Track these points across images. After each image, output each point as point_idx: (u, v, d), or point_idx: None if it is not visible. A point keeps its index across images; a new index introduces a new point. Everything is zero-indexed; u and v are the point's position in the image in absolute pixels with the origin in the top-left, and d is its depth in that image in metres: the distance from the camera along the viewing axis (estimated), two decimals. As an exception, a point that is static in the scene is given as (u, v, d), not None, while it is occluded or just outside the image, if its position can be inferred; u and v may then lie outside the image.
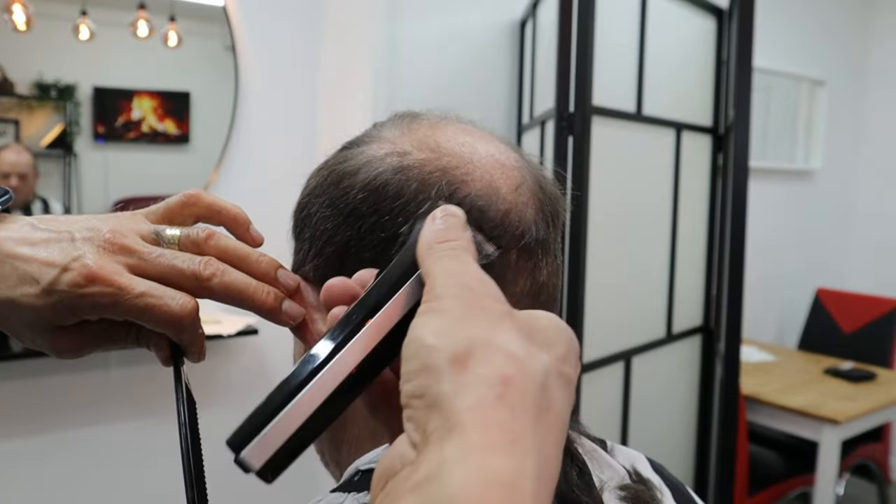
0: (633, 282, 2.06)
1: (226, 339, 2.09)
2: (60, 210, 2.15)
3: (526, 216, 0.48)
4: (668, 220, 2.18)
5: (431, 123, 0.52)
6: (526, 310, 0.33)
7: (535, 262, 0.49)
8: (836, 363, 3.02)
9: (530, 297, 0.49)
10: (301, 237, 0.52)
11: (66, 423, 2.05)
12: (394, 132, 0.51)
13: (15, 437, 1.99)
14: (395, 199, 0.46)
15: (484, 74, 2.40)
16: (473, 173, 0.48)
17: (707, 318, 2.39)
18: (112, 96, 2.24)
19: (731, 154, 1.99)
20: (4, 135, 2.10)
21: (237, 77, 2.32)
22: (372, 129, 0.53)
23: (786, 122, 3.89)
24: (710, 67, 2.30)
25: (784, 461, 2.76)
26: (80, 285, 0.43)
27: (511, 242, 0.47)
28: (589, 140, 1.67)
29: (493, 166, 0.49)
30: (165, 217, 0.50)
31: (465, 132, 0.51)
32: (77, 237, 0.45)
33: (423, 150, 0.48)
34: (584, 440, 0.53)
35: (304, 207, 0.52)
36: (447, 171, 0.47)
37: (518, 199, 0.48)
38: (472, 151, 0.49)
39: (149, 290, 0.43)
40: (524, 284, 0.48)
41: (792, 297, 3.82)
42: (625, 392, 2.02)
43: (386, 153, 0.49)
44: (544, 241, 0.50)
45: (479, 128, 0.54)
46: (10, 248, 0.44)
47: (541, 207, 0.50)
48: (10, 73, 2.07)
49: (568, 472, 0.47)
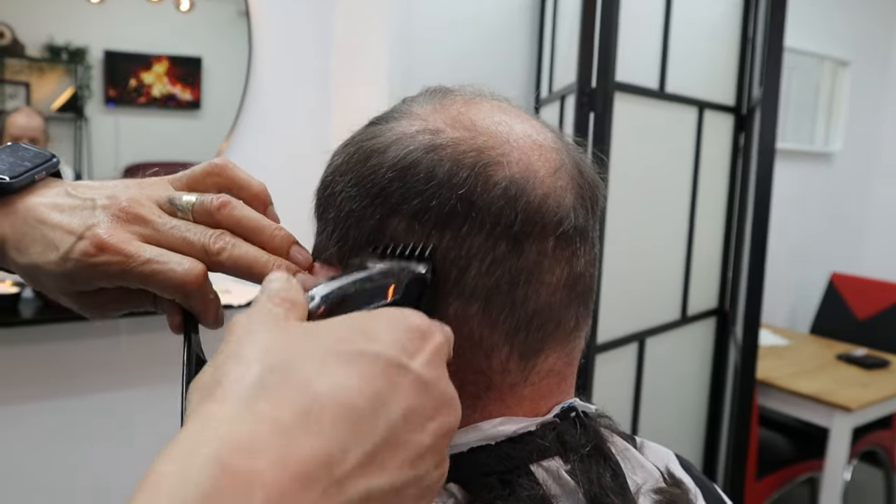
0: (649, 262, 2.03)
1: (236, 308, 2.08)
2: (71, 175, 2.13)
3: (565, 201, 0.45)
4: (687, 200, 2.14)
5: (465, 100, 0.49)
6: None
7: (572, 250, 0.46)
8: (849, 349, 2.99)
9: (567, 287, 0.46)
10: (324, 217, 0.49)
11: (77, 388, 2.05)
12: (425, 108, 0.48)
13: (26, 402, 1.99)
14: (426, 180, 0.43)
15: (502, 45, 2.35)
16: (510, 154, 0.45)
17: (722, 301, 2.36)
18: (123, 60, 2.20)
19: (754, 135, 1.94)
20: (15, 97, 2.08)
21: (250, 44, 2.28)
22: (402, 105, 0.50)
23: (806, 103, 3.82)
24: (734, 45, 2.24)
25: (792, 445, 2.74)
26: (90, 254, 0.43)
27: (548, 229, 0.44)
28: (611, 117, 1.63)
29: (531, 147, 0.46)
30: (189, 185, 0.49)
31: (500, 110, 0.48)
32: (97, 205, 0.45)
33: (456, 128, 0.45)
34: (616, 438, 0.50)
35: (328, 186, 0.49)
36: (482, 152, 0.44)
37: (556, 183, 0.45)
38: (509, 131, 0.46)
39: (154, 257, 0.44)
40: (561, 274, 0.45)
41: (806, 280, 3.78)
42: (637, 373, 2.00)
43: (417, 130, 0.46)
44: (583, 229, 0.47)
45: (514, 105, 0.51)
46: (42, 213, 0.45)
47: (580, 192, 0.47)
48: (21, 35, 2.04)
49: (601, 475, 0.45)
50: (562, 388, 0.48)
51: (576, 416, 0.48)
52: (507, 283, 0.43)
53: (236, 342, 0.31)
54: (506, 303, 0.44)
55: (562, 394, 0.48)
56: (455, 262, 0.43)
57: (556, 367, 0.47)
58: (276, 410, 0.28)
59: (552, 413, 0.47)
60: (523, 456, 0.44)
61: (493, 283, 0.43)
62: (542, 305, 0.45)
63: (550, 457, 0.45)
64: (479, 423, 0.45)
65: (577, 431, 0.47)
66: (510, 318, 0.44)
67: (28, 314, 1.87)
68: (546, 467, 0.44)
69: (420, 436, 0.30)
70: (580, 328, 0.48)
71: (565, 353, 0.48)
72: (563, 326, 0.46)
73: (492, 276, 0.43)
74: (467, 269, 0.43)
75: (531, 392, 0.46)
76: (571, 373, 0.49)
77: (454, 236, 0.43)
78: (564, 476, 0.44)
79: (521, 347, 0.45)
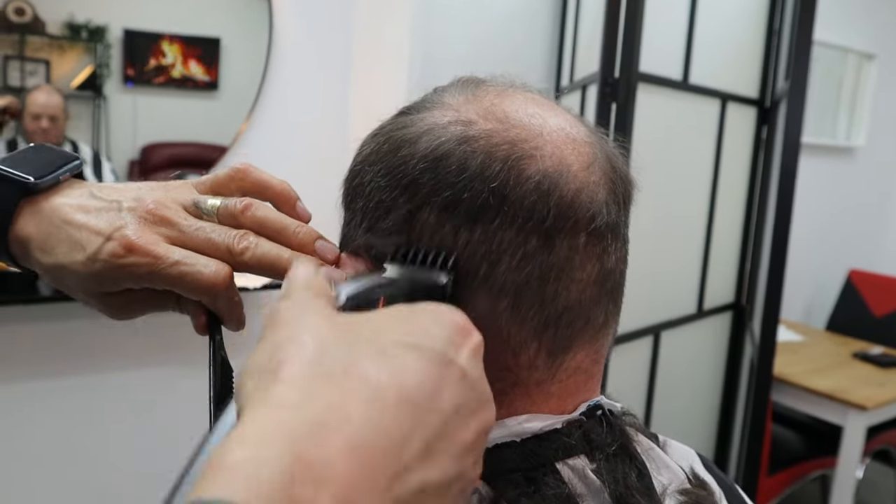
0: (667, 255, 2.02)
1: (252, 291, 2.08)
2: (89, 152, 2.13)
3: (598, 197, 0.45)
4: (707, 193, 2.12)
5: (498, 91, 0.48)
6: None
7: (604, 246, 0.45)
8: (865, 347, 2.97)
9: (597, 283, 0.45)
10: (352, 207, 0.49)
11: (92, 366, 2.07)
12: (458, 98, 0.47)
13: (41, 379, 2.01)
14: (458, 172, 0.43)
15: (523, 32, 2.33)
16: (543, 148, 0.44)
17: (739, 296, 2.34)
18: (142, 39, 2.20)
19: (778, 128, 1.92)
20: (35, 74, 2.08)
21: (271, 26, 2.27)
22: (433, 94, 0.50)
23: (829, 97, 3.76)
24: (760, 37, 2.21)
25: (805, 442, 2.73)
26: (119, 255, 0.44)
27: (581, 225, 0.44)
28: (633, 108, 1.61)
29: (564, 141, 0.45)
30: (213, 189, 0.50)
31: (533, 102, 0.47)
32: (124, 207, 0.46)
33: (489, 120, 0.45)
34: (641, 437, 0.50)
35: (357, 175, 0.49)
36: (515, 144, 0.43)
37: (590, 177, 0.45)
38: (542, 123, 0.45)
39: (182, 259, 0.45)
40: (591, 270, 0.45)
41: (823, 276, 3.74)
42: (652, 367, 1.99)
43: (449, 121, 0.45)
44: (615, 225, 0.46)
45: (547, 98, 0.50)
46: (68, 213, 0.46)
47: (613, 188, 0.46)
48: (42, 12, 2.04)
49: (627, 475, 0.45)
50: (588, 386, 0.48)
51: (602, 415, 0.47)
52: (537, 278, 0.43)
53: (289, 326, 0.31)
54: (535, 299, 0.43)
55: (588, 391, 0.48)
56: (485, 256, 0.42)
57: (583, 365, 0.47)
58: (341, 397, 0.28)
59: (578, 411, 0.46)
60: (549, 454, 0.44)
61: (523, 279, 0.43)
62: (572, 302, 0.44)
63: (576, 455, 0.44)
64: (505, 419, 0.44)
65: (604, 430, 0.46)
66: (539, 315, 0.43)
67: (46, 292, 1.88)
68: (572, 466, 0.44)
69: (465, 431, 0.30)
70: (609, 325, 0.48)
71: (593, 350, 0.47)
72: (592, 323, 0.46)
73: (522, 272, 0.43)
74: (497, 263, 0.42)
75: (558, 389, 0.46)
76: (598, 370, 0.49)
77: (485, 230, 0.42)
78: (590, 475, 0.44)
79: (550, 344, 0.44)
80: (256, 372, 0.30)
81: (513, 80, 0.51)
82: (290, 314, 0.32)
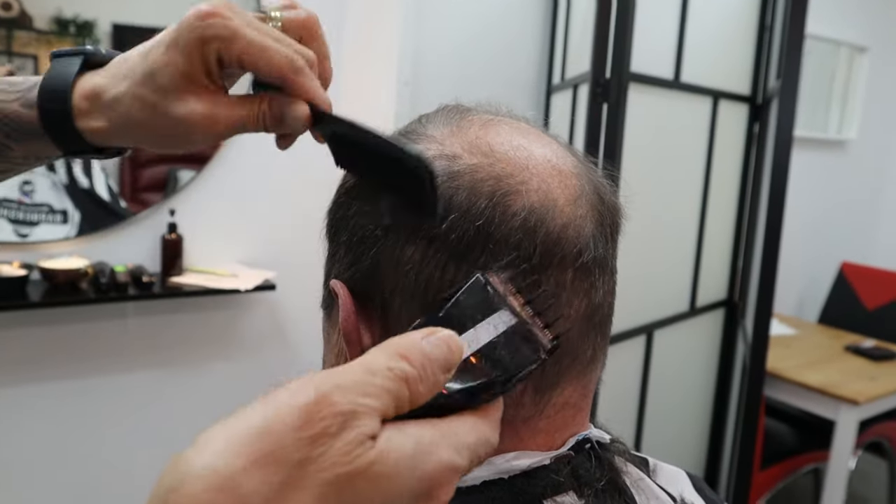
0: (659, 254, 2.01)
1: (243, 293, 2.08)
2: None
3: (584, 231, 0.44)
4: (699, 190, 2.11)
5: (483, 122, 0.47)
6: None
7: (591, 281, 0.45)
8: (857, 340, 2.98)
9: (585, 319, 0.45)
10: (336, 240, 0.48)
11: (84, 371, 2.06)
12: (442, 130, 0.46)
13: (32, 384, 2.00)
14: (443, 210, 0.42)
15: (514, 30, 2.32)
16: (529, 182, 0.43)
17: (731, 292, 2.35)
18: (131, 34, 2.18)
19: (770, 124, 1.91)
20: (23, 70, 2.06)
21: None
22: (418, 125, 0.49)
23: (821, 90, 3.76)
24: (751, 33, 2.20)
25: (797, 436, 2.74)
26: (201, 17, 0.44)
27: (567, 261, 0.43)
28: (624, 108, 1.60)
29: (551, 173, 0.44)
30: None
31: (519, 132, 0.47)
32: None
33: (474, 154, 0.44)
34: (631, 468, 0.49)
35: (340, 207, 0.48)
36: (500, 179, 0.43)
37: (576, 211, 0.44)
38: (528, 156, 0.45)
39: (260, 28, 0.45)
40: (579, 306, 0.44)
41: (815, 269, 3.75)
42: (645, 366, 1.99)
43: (434, 155, 0.44)
44: (602, 259, 0.45)
45: (532, 125, 0.49)
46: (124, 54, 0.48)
47: (600, 220, 0.46)
48: (29, 7, 2.01)
49: (616, 511, 0.44)
50: (577, 420, 0.47)
51: (590, 448, 0.47)
52: None
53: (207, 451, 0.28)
54: None
55: (577, 425, 0.47)
56: None
57: (571, 400, 0.46)
58: None
59: (567, 446, 0.46)
60: (537, 491, 0.43)
61: None
62: None
63: (565, 492, 0.44)
64: (493, 457, 0.44)
65: (592, 465, 0.46)
66: None
67: (36, 297, 1.87)
68: (560, 503, 0.44)
69: None
70: (597, 359, 0.47)
71: (581, 385, 0.47)
72: (579, 359, 0.45)
73: None
74: None
75: (546, 425, 0.45)
76: (587, 404, 0.48)
77: (470, 269, 0.42)
78: (578, 512, 0.43)
79: (537, 382, 0.44)
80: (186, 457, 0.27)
81: (498, 108, 0.50)
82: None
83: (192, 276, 2.07)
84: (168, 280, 2.03)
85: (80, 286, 1.92)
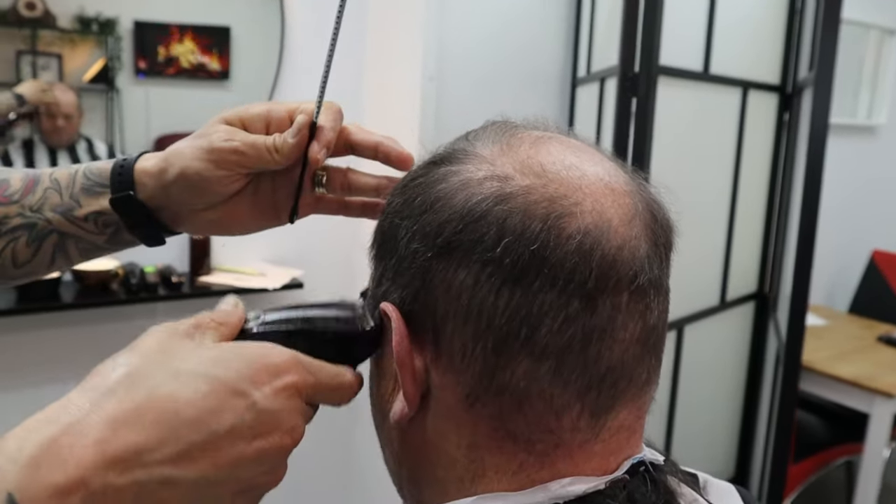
0: (690, 249, 1.98)
1: (271, 292, 2.08)
2: (104, 149, 2.13)
3: (639, 252, 0.43)
4: (729, 183, 2.08)
5: (533, 140, 0.46)
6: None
7: (646, 303, 0.44)
8: (889, 330, 2.93)
9: (640, 342, 0.44)
10: (383, 260, 0.47)
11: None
12: (492, 149, 0.46)
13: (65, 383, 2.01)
14: (497, 234, 0.41)
15: (538, 21, 2.29)
16: (583, 203, 0.42)
17: (762, 285, 2.32)
18: (152, 30, 2.19)
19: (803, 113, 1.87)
20: (48, 69, 2.08)
21: (282, 15, 2.24)
22: (465, 142, 0.48)
23: (850, 74, 3.68)
24: (781, 19, 2.16)
25: (829, 429, 2.70)
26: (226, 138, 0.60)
27: (623, 284, 0.42)
28: (654, 103, 1.58)
29: (604, 193, 0.43)
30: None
31: (570, 150, 0.46)
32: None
33: (526, 175, 0.43)
34: (685, 489, 0.48)
35: (389, 228, 0.47)
36: (554, 201, 0.42)
37: (631, 231, 0.43)
38: (581, 176, 0.44)
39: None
40: (634, 329, 0.43)
41: (845, 257, 3.69)
42: (675, 361, 1.97)
43: (485, 176, 0.43)
44: (657, 280, 0.44)
45: (581, 140, 0.48)
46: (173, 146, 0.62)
47: (654, 240, 0.45)
48: (52, 6, 2.03)
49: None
50: (631, 443, 0.46)
51: (645, 471, 0.46)
52: (579, 341, 0.41)
53: (129, 346, 0.41)
54: (578, 362, 0.42)
55: (631, 448, 0.46)
56: (526, 319, 0.41)
57: (626, 423, 0.45)
58: (114, 407, 0.37)
59: (622, 469, 0.45)
60: None
61: (565, 342, 0.41)
62: (614, 363, 0.43)
63: None
64: (548, 482, 0.43)
65: (648, 488, 0.45)
66: (582, 377, 0.42)
67: (68, 298, 1.89)
68: None
69: (243, 446, 0.39)
70: (651, 381, 0.46)
71: (636, 407, 0.46)
72: (634, 381, 0.44)
73: (564, 335, 0.41)
74: (538, 327, 0.41)
75: (601, 448, 0.45)
76: (641, 426, 0.47)
77: (524, 293, 0.41)
78: (636, 538, 0.43)
79: (593, 406, 0.43)
80: (92, 373, 0.40)
81: (547, 124, 0.49)
82: (145, 335, 0.42)
83: (220, 275, 2.09)
84: (197, 280, 2.05)
85: (111, 287, 1.93)
